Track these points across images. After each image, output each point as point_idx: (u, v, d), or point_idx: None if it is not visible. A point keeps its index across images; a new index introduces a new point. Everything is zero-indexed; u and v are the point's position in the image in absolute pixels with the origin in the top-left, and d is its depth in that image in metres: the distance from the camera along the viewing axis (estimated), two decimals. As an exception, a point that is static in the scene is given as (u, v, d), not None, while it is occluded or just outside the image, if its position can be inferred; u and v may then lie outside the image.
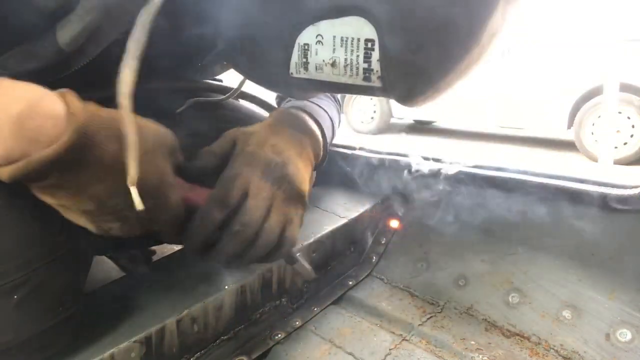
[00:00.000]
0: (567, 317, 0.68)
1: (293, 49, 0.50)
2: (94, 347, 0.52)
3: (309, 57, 0.50)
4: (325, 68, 0.50)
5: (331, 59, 0.49)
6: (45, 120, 0.35)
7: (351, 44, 0.47)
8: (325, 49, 0.49)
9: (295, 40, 0.49)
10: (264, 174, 0.53)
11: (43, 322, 0.47)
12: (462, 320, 0.74)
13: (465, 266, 0.81)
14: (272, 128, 0.61)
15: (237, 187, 0.50)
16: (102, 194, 0.41)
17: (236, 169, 0.52)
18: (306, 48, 0.50)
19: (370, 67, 0.48)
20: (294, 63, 0.51)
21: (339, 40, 0.48)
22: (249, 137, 0.57)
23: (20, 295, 0.44)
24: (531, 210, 0.75)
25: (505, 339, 0.69)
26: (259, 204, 0.51)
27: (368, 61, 0.48)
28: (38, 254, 0.46)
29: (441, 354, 0.66)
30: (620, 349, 0.63)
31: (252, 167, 0.53)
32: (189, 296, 0.62)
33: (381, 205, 0.94)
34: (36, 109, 0.35)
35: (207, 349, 0.64)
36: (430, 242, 0.87)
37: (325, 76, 0.51)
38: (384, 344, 0.69)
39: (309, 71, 0.51)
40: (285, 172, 0.55)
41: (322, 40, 0.48)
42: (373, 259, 0.90)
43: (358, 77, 0.49)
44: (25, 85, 0.37)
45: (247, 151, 0.54)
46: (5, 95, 0.35)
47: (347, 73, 0.50)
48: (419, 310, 0.77)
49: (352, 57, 0.48)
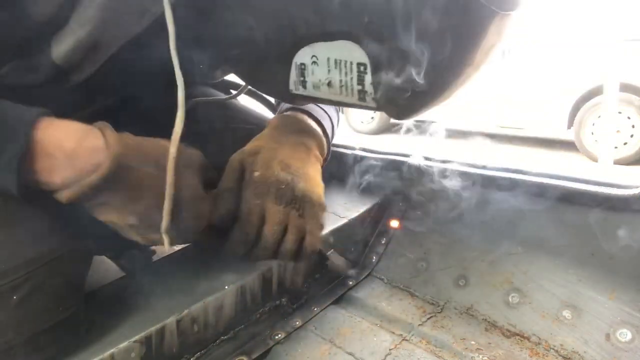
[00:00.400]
0: (567, 317, 0.68)
1: (291, 68, 0.52)
2: (94, 347, 0.52)
3: (307, 77, 0.52)
4: (322, 87, 0.52)
5: (327, 79, 0.51)
6: (90, 154, 0.44)
7: (344, 66, 0.49)
8: (320, 70, 0.51)
9: (292, 60, 0.52)
10: (277, 198, 0.55)
11: (43, 321, 0.47)
12: (462, 320, 0.74)
13: (465, 266, 0.81)
14: (276, 140, 0.62)
15: (252, 223, 0.55)
16: (142, 209, 0.48)
17: (249, 204, 0.55)
18: (303, 67, 0.51)
19: (364, 89, 0.50)
20: (292, 81, 0.53)
21: (333, 62, 0.49)
22: (255, 160, 0.58)
23: (20, 295, 0.45)
24: (531, 210, 0.75)
25: (505, 339, 0.69)
26: (274, 228, 0.55)
27: (362, 83, 0.49)
28: (38, 254, 0.46)
29: (441, 354, 0.66)
30: (620, 349, 0.63)
31: (264, 195, 0.55)
32: (189, 296, 0.62)
33: (381, 205, 0.94)
34: (83, 145, 0.44)
35: (207, 349, 0.64)
36: (430, 242, 0.87)
37: (322, 94, 0.53)
38: (384, 344, 0.69)
39: (307, 89, 0.53)
40: (296, 189, 0.57)
41: (317, 61, 0.50)
42: (373, 259, 0.90)
43: (354, 97, 0.51)
44: (71, 124, 0.45)
45: (256, 178, 0.56)
46: (58, 135, 0.43)
47: (343, 93, 0.51)
48: (419, 310, 0.77)
49: (347, 78, 0.50)
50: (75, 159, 0.43)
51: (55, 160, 0.43)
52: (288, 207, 0.56)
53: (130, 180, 0.46)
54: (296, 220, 0.57)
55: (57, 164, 0.43)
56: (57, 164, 0.43)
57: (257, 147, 0.60)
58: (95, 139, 0.45)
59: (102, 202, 0.46)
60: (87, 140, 0.44)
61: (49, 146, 0.42)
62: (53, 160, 0.43)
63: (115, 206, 0.47)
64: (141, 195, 0.47)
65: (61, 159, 0.43)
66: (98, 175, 0.43)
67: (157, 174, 0.48)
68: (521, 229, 0.77)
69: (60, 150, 0.43)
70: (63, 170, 0.43)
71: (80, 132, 0.45)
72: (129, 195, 0.47)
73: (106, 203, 0.46)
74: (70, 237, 0.50)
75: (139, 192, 0.47)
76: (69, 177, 0.44)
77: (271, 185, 0.56)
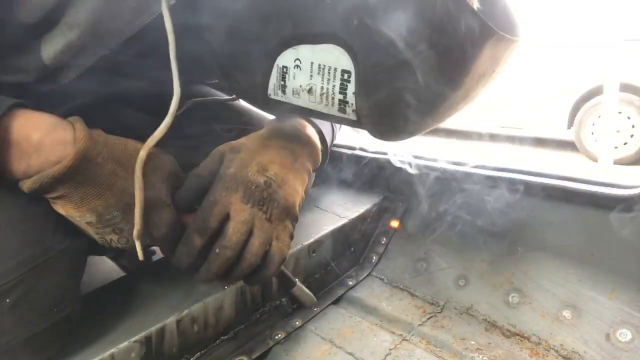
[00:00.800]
0: (567, 317, 0.68)
1: (272, 70, 0.50)
2: (94, 347, 0.52)
3: (287, 81, 0.50)
4: (302, 94, 0.50)
5: (308, 85, 0.49)
6: (56, 146, 0.44)
7: (328, 73, 0.47)
8: (303, 75, 0.48)
9: (274, 62, 0.49)
10: (244, 197, 0.52)
11: (38, 323, 0.47)
12: (462, 320, 0.74)
13: (465, 266, 0.81)
14: (263, 141, 0.60)
15: (215, 213, 0.51)
16: (100, 207, 0.47)
17: (215, 194, 0.52)
18: (285, 71, 0.49)
19: (345, 99, 0.48)
20: (272, 84, 0.51)
21: (316, 67, 0.47)
22: (235, 157, 0.56)
23: (13, 298, 0.45)
24: (531, 210, 0.75)
25: (505, 339, 0.69)
26: (237, 226, 0.51)
27: (344, 93, 0.47)
28: (30, 257, 0.46)
29: (441, 354, 0.66)
30: (620, 349, 0.63)
31: (231, 192, 0.52)
32: (189, 296, 0.62)
33: (381, 205, 0.94)
34: (50, 137, 0.44)
35: (207, 349, 0.64)
36: (430, 242, 0.87)
37: (302, 102, 0.51)
38: (384, 344, 0.69)
39: (287, 94, 0.51)
40: (267, 192, 0.54)
41: (300, 65, 0.48)
42: (373, 259, 0.90)
43: (334, 107, 0.49)
44: (44, 116, 0.46)
45: (228, 174, 0.54)
46: (28, 125, 0.44)
47: (323, 102, 0.49)
48: (419, 310, 0.77)
49: (329, 86, 0.48)
50: (40, 150, 0.44)
51: (21, 149, 0.43)
52: (255, 208, 0.52)
53: (92, 177, 0.46)
54: (263, 224, 0.53)
55: (22, 154, 0.43)
56: (22, 154, 0.43)
57: (241, 145, 0.58)
58: (63, 132, 0.45)
59: (62, 195, 0.46)
60: (55, 132, 0.45)
61: (17, 135, 0.43)
62: (18, 148, 0.43)
63: (75, 201, 0.46)
64: (101, 193, 0.47)
65: (26, 149, 0.43)
66: (60, 168, 0.43)
67: (120, 174, 0.48)
68: (521, 229, 0.77)
69: (26, 140, 0.43)
70: (27, 160, 0.44)
71: (50, 124, 0.45)
72: (89, 191, 0.46)
73: (66, 197, 0.46)
74: (61, 237, 0.50)
75: (100, 189, 0.47)
76: (33, 167, 0.44)
77: (240, 183, 0.53)
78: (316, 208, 0.90)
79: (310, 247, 0.77)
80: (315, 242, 0.78)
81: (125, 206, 0.48)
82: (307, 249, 0.77)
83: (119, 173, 0.48)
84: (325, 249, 0.81)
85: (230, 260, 0.51)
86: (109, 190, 0.47)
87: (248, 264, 0.52)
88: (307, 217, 0.86)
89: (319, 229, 0.81)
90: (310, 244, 0.77)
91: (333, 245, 0.83)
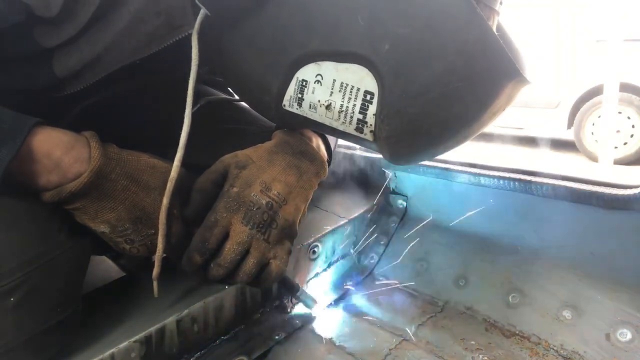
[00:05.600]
0: (567, 317, 0.68)
1: (290, 82, 0.50)
2: (94, 347, 0.52)
3: (305, 94, 0.50)
4: (319, 109, 0.50)
5: (327, 102, 0.49)
6: (74, 163, 0.47)
7: (350, 92, 0.48)
8: (323, 90, 0.49)
9: (294, 74, 0.50)
10: (244, 218, 0.54)
11: (41, 323, 0.47)
12: (462, 320, 0.74)
13: (465, 266, 0.81)
14: (270, 156, 0.59)
15: (215, 234, 0.53)
16: (113, 220, 0.50)
17: (217, 215, 0.54)
18: (304, 84, 0.50)
19: (364, 119, 0.48)
20: (288, 96, 0.52)
21: (338, 85, 0.48)
22: (239, 174, 0.56)
23: (17, 298, 0.45)
24: (531, 210, 0.75)
25: (505, 339, 0.69)
26: (234, 247, 0.53)
27: (364, 113, 0.48)
28: (33, 256, 0.47)
29: (441, 354, 0.66)
30: (620, 349, 0.62)
31: (233, 213, 0.54)
32: (189, 296, 0.62)
33: (381, 205, 0.94)
34: (69, 155, 0.47)
35: (207, 349, 0.64)
36: (430, 242, 0.87)
37: (317, 117, 0.51)
38: (384, 344, 0.69)
39: (302, 108, 0.51)
40: (268, 214, 0.55)
41: (321, 80, 0.49)
42: (373, 259, 0.90)
43: (351, 126, 0.50)
44: (62, 133, 0.48)
45: (232, 193, 0.54)
46: (48, 143, 0.47)
47: (341, 119, 0.50)
48: (419, 310, 0.77)
49: (349, 105, 0.48)
50: (59, 167, 0.46)
51: (42, 166, 0.46)
52: (254, 230, 0.53)
53: (106, 192, 0.49)
54: (260, 245, 0.54)
55: (43, 169, 0.46)
56: (43, 169, 0.46)
57: (246, 159, 0.58)
58: (80, 150, 0.48)
59: (78, 207, 0.49)
60: (73, 150, 0.47)
61: (38, 153, 0.45)
62: (40, 165, 0.46)
63: (90, 213, 0.49)
64: (114, 207, 0.50)
65: (47, 165, 0.46)
66: (76, 184, 0.47)
67: (132, 188, 0.50)
68: (521, 229, 0.77)
69: (47, 158, 0.46)
70: (47, 175, 0.46)
71: (68, 142, 0.48)
72: (103, 205, 0.49)
73: (82, 209, 0.49)
74: (65, 237, 0.50)
75: (113, 203, 0.50)
76: (52, 181, 0.47)
77: (242, 204, 0.54)
78: (316, 208, 0.90)
79: (310, 247, 0.77)
80: (315, 242, 0.78)
81: (136, 219, 0.51)
82: (307, 249, 0.76)
83: (131, 188, 0.50)
84: (325, 249, 0.81)
85: (223, 276, 0.53)
86: (122, 204, 0.50)
87: (240, 281, 0.54)
88: (307, 217, 0.85)
89: (319, 229, 0.81)
90: (310, 243, 0.77)
91: (333, 245, 0.83)
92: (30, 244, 0.47)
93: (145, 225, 0.52)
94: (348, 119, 0.49)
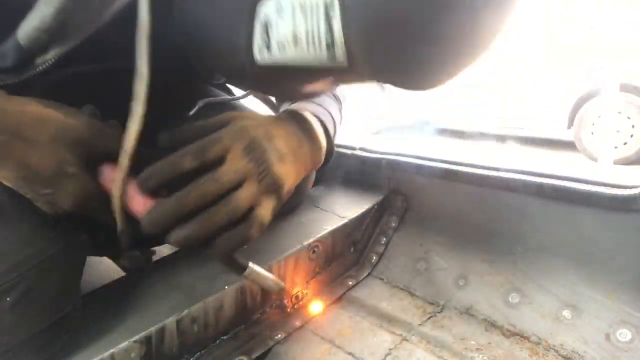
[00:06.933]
0: (567, 317, 0.68)
1: (255, 27, 0.45)
2: (94, 347, 0.52)
3: (271, 34, 0.45)
4: (287, 46, 0.45)
5: (292, 33, 0.44)
6: None
7: (310, 11, 0.42)
8: (285, 22, 0.44)
9: (255, 15, 0.45)
10: (246, 149, 0.50)
11: (38, 323, 0.47)
12: (462, 320, 0.74)
13: (465, 266, 0.81)
14: (274, 119, 0.59)
15: (215, 150, 0.48)
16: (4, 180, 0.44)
17: (222, 133, 0.50)
18: (268, 23, 0.45)
19: (333, 39, 0.42)
20: (257, 45, 0.46)
21: (298, 8, 0.42)
22: (244, 119, 0.54)
23: (13, 298, 0.45)
24: (531, 210, 0.75)
25: (505, 339, 0.69)
26: (231, 169, 0.48)
27: (330, 31, 0.42)
28: (29, 255, 0.46)
29: (441, 354, 0.66)
30: (620, 349, 0.63)
31: (236, 140, 0.50)
32: (189, 296, 0.62)
33: (381, 205, 0.94)
34: None
35: (207, 349, 0.64)
36: (430, 242, 0.87)
37: (289, 57, 0.46)
38: (384, 344, 0.69)
39: (272, 52, 0.46)
40: (267, 156, 0.51)
41: (281, 8, 0.43)
42: (373, 259, 0.90)
43: (322, 52, 0.44)
44: None
45: (238, 125, 0.52)
46: None
47: (311, 49, 0.44)
48: (419, 310, 0.77)
49: (314, 28, 0.42)
50: None
51: None
52: (252, 164, 0.49)
53: None
54: (253, 183, 0.49)
55: None
56: None
57: (251, 114, 0.56)
58: None
59: None
60: None
61: None
62: None
63: None
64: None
65: None
66: None
67: (15, 144, 0.43)
68: (521, 229, 0.77)
69: None
70: None
71: None
72: None
73: None
74: (59, 236, 0.49)
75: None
76: None
77: (247, 137, 0.50)
78: (316, 208, 0.90)
79: (310, 247, 0.77)
80: (315, 242, 0.78)
81: (25, 178, 0.45)
82: (307, 248, 0.77)
83: (13, 144, 0.43)
84: (325, 249, 0.81)
85: (212, 195, 0.46)
86: (4, 160, 0.44)
87: (230, 210, 0.47)
88: (307, 217, 0.86)
89: (319, 229, 0.81)
90: (310, 243, 0.77)
91: (333, 245, 0.83)
92: (23, 244, 0.46)
93: (41, 184, 0.45)
94: (317, 44, 0.43)
